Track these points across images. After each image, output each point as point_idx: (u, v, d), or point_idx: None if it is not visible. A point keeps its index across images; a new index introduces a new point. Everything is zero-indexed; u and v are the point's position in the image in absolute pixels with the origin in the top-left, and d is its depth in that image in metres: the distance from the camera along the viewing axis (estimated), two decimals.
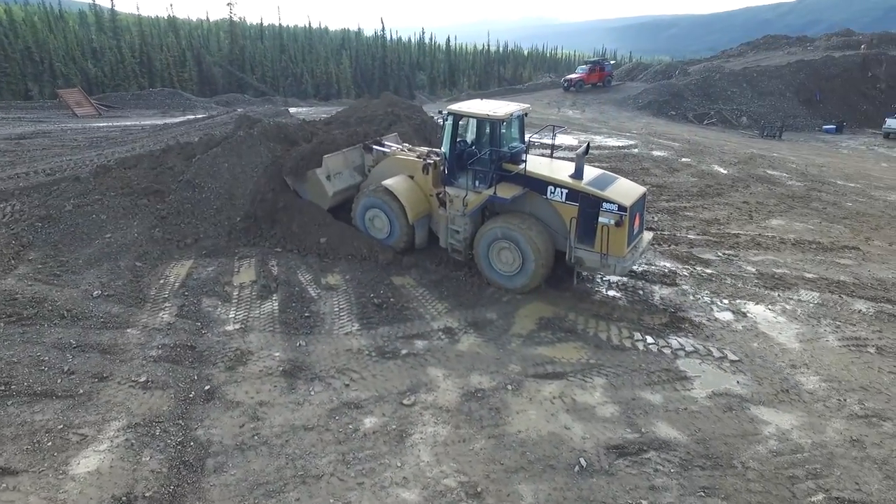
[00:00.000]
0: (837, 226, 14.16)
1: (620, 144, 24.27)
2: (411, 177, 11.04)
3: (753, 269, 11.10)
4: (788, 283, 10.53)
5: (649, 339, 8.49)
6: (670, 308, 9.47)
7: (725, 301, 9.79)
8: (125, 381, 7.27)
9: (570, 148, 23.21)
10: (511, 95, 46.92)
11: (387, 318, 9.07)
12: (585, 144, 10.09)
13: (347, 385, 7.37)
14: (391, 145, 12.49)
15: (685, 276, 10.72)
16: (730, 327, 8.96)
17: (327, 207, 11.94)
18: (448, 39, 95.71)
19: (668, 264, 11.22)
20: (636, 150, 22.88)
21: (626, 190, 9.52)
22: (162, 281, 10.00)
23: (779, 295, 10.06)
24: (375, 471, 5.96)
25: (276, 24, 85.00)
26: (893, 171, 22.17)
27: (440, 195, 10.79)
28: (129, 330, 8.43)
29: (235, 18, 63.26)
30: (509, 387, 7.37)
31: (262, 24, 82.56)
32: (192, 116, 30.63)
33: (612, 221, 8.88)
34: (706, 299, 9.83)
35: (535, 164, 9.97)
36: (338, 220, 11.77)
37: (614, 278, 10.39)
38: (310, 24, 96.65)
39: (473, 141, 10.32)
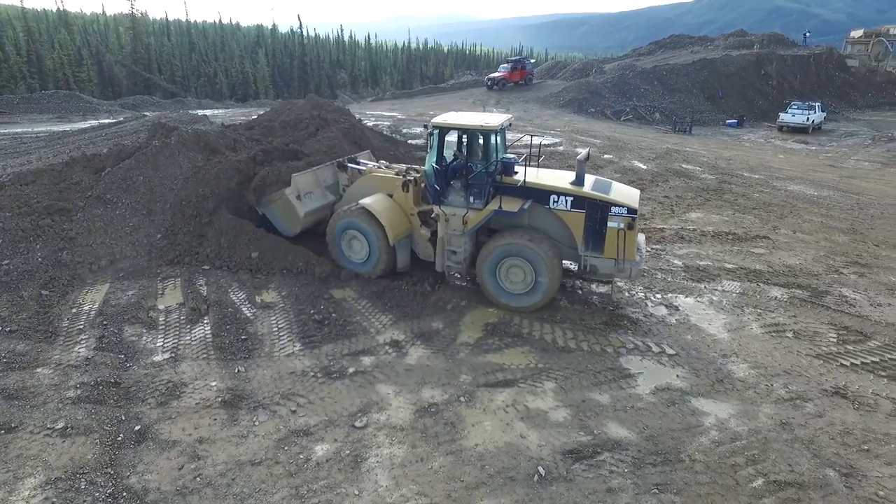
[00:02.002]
0: (748, 216, 15.25)
1: (546, 143, 24.89)
2: (390, 195, 10.47)
3: (680, 263, 11.71)
4: (712, 274, 11.19)
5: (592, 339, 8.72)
6: (609, 306, 9.78)
7: (658, 296, 10.25)
8: (39, 430, 6.51)
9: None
10: (437, 95, 47.06)
11: (330, 334, 8.74)
12: (587, 150, 9.92)
13: (294, 411, 7.01)
14: (366, 162, 11.87)
15: None
16: (664, 322, 9.38)
17: (299, 230, 11.20)
18: (368, 37, 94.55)
19: None
20: (562, 148, 23.56)
21: (627, 193, 9.47)
22: (75, 310, 9.09)
23: (705, 287, 10.66)
24: (333, 502, 5.68)
25: (183, 20, 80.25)
26: (790, 163, 24.23)
27: (422, 213, 10.32)
28: (39, 369, 7.58)
29: (137, 13, 58.83)
30: (462, 399, 7.30)
31: (167, 19, 77.64)
32: (94, 122, 28.23)
33: (624, 225, 8.78)
34: (640, 295, 10.24)
35: (529, 175, 9.40)
36: (270, 233, 11.23)
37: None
38: (220, 19, 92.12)
39: (463, 155, 9.80)
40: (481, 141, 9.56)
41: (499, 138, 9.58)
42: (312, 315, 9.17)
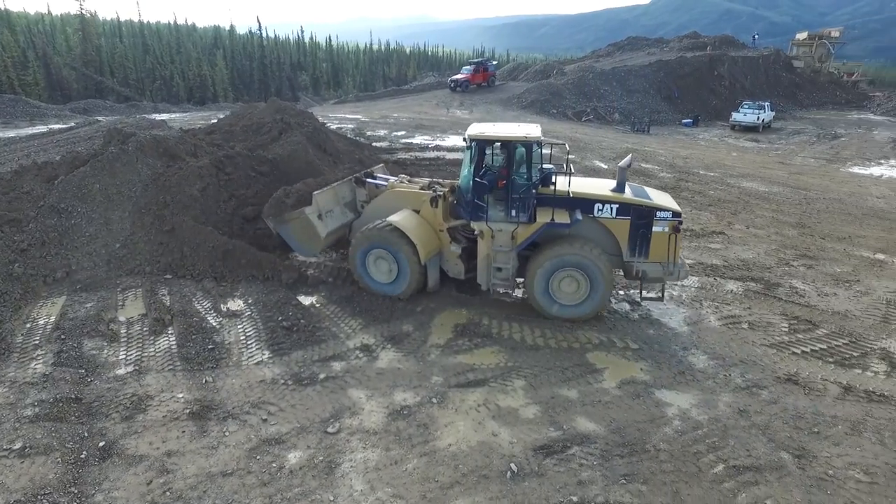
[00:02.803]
0: (705, 213, 15.83)
1: None
2: (416, 211, 9.95)
3: None
4: None
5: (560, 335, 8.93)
6: None
7: (621, 292, 10.55)
8: None
9: (463, 149, 23.74)
10: (400, 96, 47.03)
11: (299, 341, 8.69)
12: (629, 156, 9.94)
13: (265, 420, 6.95)
14: (385, 177, 11.29)
15: None
16: (628, 317, 9.67)
17: (319, 251, 10.69)
18: (329, 38, 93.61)
19: None
20: None
21: (664, 196, 9.51)
22: (29, 325, 8.77)
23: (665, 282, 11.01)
24: None
25: (136, 21, 77.78)
26: (742, 160, 25.23)
27: (451, 230, 9.91)
28: None
29: (86, 14, 56.58)
30: (434, 400, 7.37)
31: (118, 20, 75.10)
32: (43, 128, 27.12)
33: (669, 229, 8.88)
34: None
35: (567, 184, 9.24)
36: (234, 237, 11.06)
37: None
38: (175, 20, 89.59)
39: (502, 167, 9.40)
40: (523, 153, 9.30)
41: (540, 149, 9.50)
42: (281, 322, 9.10)
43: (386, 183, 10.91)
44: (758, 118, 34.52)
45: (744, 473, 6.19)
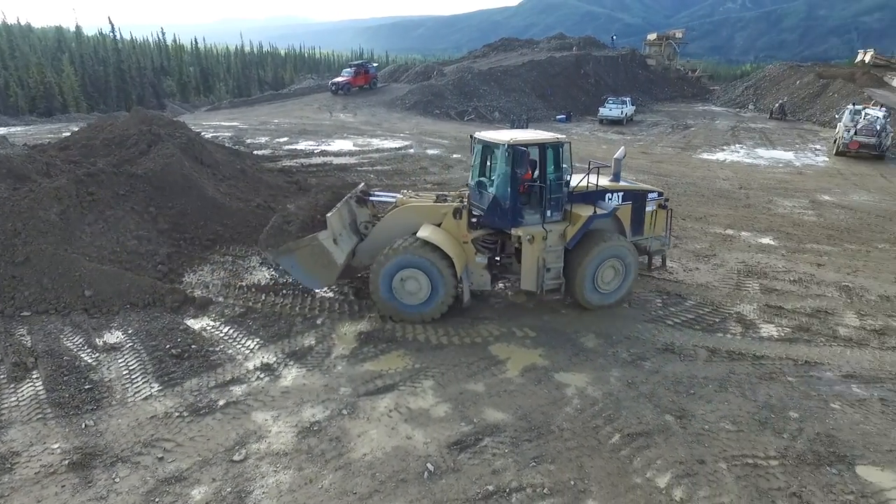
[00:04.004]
0: None
1: (397, 146, 25.37)
2: (437, 225, 9.55)
3: None
4: None
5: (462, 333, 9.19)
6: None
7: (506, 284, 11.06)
8: None
9: (350, 153, 23.49)
10: (280, 101, 45.30)
11: (192, 368, 8.12)
12: (622, 148, 10.97)
13: (161, 458, 6.42)
14: (389, 194, 10.46)
15: None
16: (524, 307, 10.18)
17: (335, 280, 9.67)
18: (195, 40, 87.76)
19: None
20: (412, 150, 24.18)
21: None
22: None
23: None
24: None
25: None
26: (611, 152, 27.27)
27: (474, 241, 9.68)
28: None
29: None
30: (344, 412, 7.27)
31: None
32: None
33: (657, 207, 10.21)
34: (500, 285, 10.96)
35: (586, 180, 9.77)
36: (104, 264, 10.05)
37: None
38: (5, 19, 78.91)
39: (534, 171, 9.46)
40: (553, 155, 9.47)
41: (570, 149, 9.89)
42: (169, 350, 8.44)
43: (393, 199, 10.41)
44: (621, 112, 37.75)
45: (637, 440, 6.80)
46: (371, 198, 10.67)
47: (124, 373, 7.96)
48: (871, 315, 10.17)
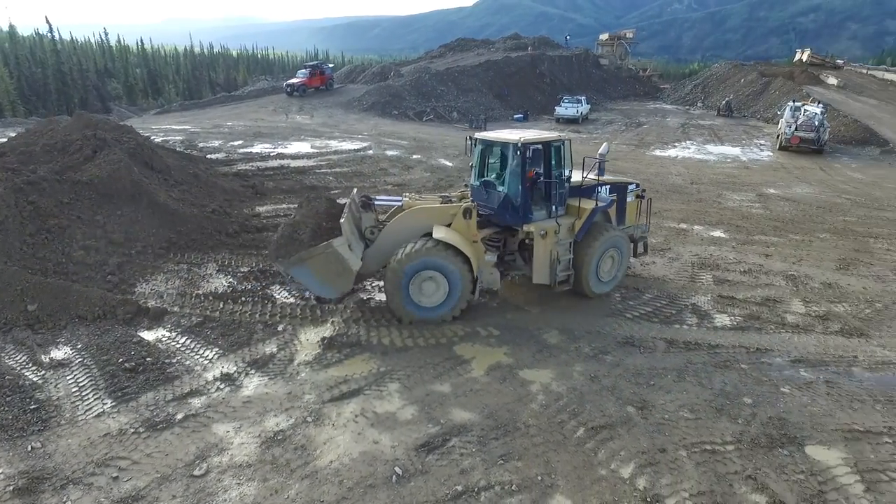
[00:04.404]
0: None
1: (356, 147, 25.12)
2: (447, 225, 9.50)
3: None
4: None
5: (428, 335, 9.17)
6: None
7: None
8: None
9: (308, 156, 23.12)
10: (233, 103, 44.19)
11: (147, 382, 7.81)
12: (605, 144, 11.46)
13: (116, 477, 6.15)
14: (392, 197, 10.31)
15: None
16: (487, 306, 10.25)
17: (350, 288, 9.36)
18: (140, 41, 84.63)
19: None
20: (371, 152, 23.99)
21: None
22: None
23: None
24: None
25: None
26: (576, 149, 27.90)
27: (483, 240, 9.80)
28: None
29: None
30: (309, 419, 7.13)
31: None
32: None
33: (635, 197, 11.03)
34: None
35: (581, 175, 10.42)
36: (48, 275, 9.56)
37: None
38: None
39: (541, 167, 9.85)
40: (556, 152, 9.95)
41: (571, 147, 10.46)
42: (122, 364, 8.09)
43: (398, 202, 10.29)
44: (577, 111, 38.49)
45: (600, 432, 6.94)
46: (375, 202, 10.59)
47: (74, 390, 7.58)
48: (815, 302, 10.70)
